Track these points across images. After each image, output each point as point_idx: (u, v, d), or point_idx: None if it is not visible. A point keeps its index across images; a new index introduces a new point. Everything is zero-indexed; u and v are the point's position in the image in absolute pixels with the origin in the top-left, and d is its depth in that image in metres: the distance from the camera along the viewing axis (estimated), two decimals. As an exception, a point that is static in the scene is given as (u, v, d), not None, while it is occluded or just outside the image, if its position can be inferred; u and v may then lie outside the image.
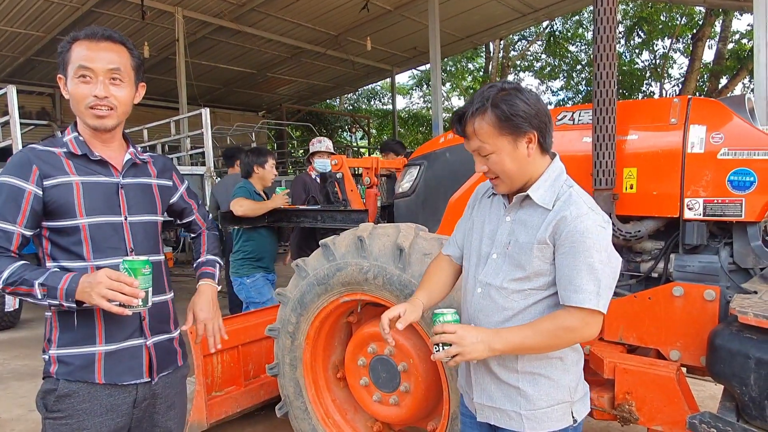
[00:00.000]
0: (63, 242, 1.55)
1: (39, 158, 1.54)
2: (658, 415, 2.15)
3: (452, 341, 1.44)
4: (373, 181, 3.65)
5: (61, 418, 1.54)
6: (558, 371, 1.55)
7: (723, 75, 15.28)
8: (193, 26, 11.14)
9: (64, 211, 1.53)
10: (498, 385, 1.58)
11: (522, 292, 1.53)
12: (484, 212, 1.68)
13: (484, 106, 1.48)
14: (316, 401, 2.68)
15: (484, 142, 1.49)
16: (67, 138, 1.61)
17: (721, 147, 2.21)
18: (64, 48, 1.57)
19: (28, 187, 1.50)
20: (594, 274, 1.41)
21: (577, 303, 1.42)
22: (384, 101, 24.84)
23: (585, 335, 1.46)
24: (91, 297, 1.43)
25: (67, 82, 1.57)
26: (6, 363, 5.21)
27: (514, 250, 1.53)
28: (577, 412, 1.57)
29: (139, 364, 1.62)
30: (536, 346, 1.47)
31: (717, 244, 2.32)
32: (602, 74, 2.31)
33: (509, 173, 1.52)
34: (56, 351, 1.56)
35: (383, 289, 2.30)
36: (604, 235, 1.45)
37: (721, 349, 1.98)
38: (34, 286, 1.45)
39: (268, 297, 4.11)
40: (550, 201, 1.51)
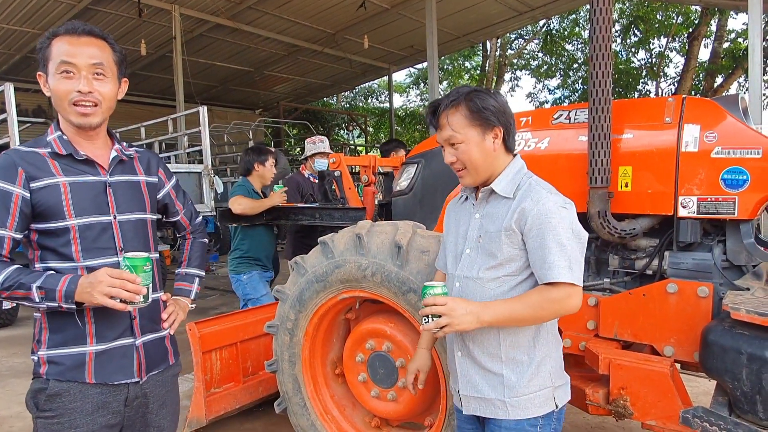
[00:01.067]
0: (52, 244, 1.54)
1: (23, 160, 1.51)
2: (652, 409, 2.19)
3: (442, 312, 1.51)
4: (371, 180, 3.68)
5: (52, 417, 1.54)
6: (538, 356, 1.62)
7: (718, 74, 15.33)
8: (189, 24, 11.11)
9: (52, 213, 1.52)
10: (483, 375, 1.65)
11: (497, 280, 1.62)
12: (458, 216, 1.80)
13: (459, 99, 1.63)
14: (314, 397, 2.70)
15: (455, 131, 1.63)
16: (50, 137, 1.57)
17: (714, 146, 2.24)
18: (43, 44, 1.54)
19: (15, 190, 1.48)
20: (563, 250, 1.51)
21: (553, 278, 1.51)
22: (381, 99, 24.84)
23: (569, 306, 1.54)
24: (92, 296, 1.43)
25: (48, 79, 1.54)
26: (4, 360, 5.22)
27: (485, 241, 1.64)
28: (558, 398, 1.65)
29: (129, 363, 1.61)
30: (524, 318, 1.55)
31: (710, 242, 2.36)
32: (598, 73, 2.34)
33: (475, 163, 1.63)
34: (46, 352, 1.55)
35: (381, 286, 2.32)
36: (565, 215, 1.55)
37: (714, 344, 2.02)
38: (32, 290, 1.44)
39: (263, 293, 4.15)
40: (511, 191, 1.63)
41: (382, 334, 2.47)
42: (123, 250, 1.60)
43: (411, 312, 2.29)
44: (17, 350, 5.57)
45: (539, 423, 1.62)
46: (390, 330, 2.45)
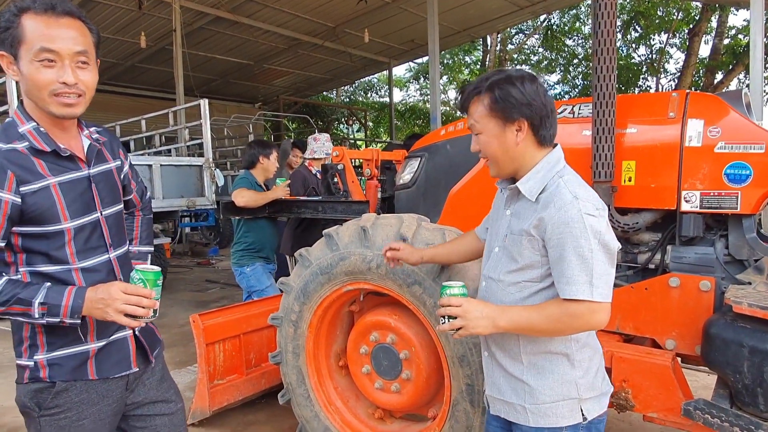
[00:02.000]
0: (41, 247, 1.43)
1: (8, 160, 1.36)
2: (654, 402, 2.20)
3: (457, 314, 1.46)
4: (374, 173, 3.69)
5: (59, 413, 1.49)
6: (562, 366, 1.53)
7: (719, 70, 15.33)
8: (189, 16, 11.07)
9: (46, 218, 1.41)
10: (506, 377, 1.60)
11: (517, 285, 1.55)
12: (497, 208, 1.74)
13: (482, 88, 1.54)
14: (318, 389, 2.72)
15: (476, 121, 1.56)
16: (23, 129, 1.42)
17: (718, 141, 2.25)
18: (10, 22, 1.34)
19: (5, 195, 1.34)
20: (584, 263, 1.39)
21: (571, 295, 1.40)
22: (381, 93, 24.80)
23: (592, 323, 1.44)
24: (106, 313, 1.36)
25: (18, 63, 1.37)
26: (6, 352, 5.24)
27: (510, 242, 1.56)
28: (588, 411, 1.53)
29: (126, 356, 1.59)
30: (541, 329, 1.47)
31: (713, 236, 2.37)
32: (602, 68, 2.34)
33: (494, 156, 1.56)
34: (46, 355, 1.47)
35: (386, 278, 2.34)
36: (592, 222, 1.41)
37: (716, 338, 2.04)
38: (33, 306, 1.34)
39: (267, 284, 4.17)
40: (535, 193, 1.52)
41: (386, 326, 2.49)
42: (111, 246, 1.55)
43: (415, 304, 2.31)
44: (19, 342, 5.59)
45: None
46: (394, 322, 2.46)
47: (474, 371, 2.17)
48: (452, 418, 2.29)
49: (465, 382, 2.20)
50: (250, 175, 4.18)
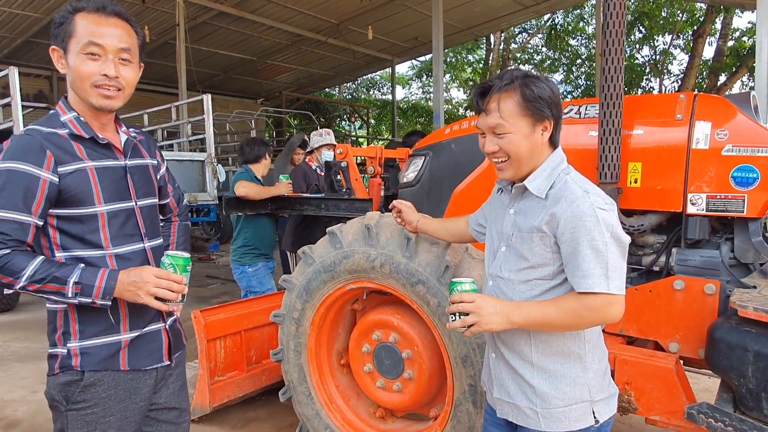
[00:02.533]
0: (76, 231, 1.48)
1: (49, 142, 1.44)
2: (657, 405, 2.20)
3: (470, 310, 1.42)
4: (377, 171, 3.67)
5: (86, 408, 1.51)
6: (575, 369, 1.50)
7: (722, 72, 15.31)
8: (193, 11, 11.06)
9: (81, 200, 1.46)
10: (515, 380, 1.56)
11: (528, 283, 1.52)
12: (496, 209, 1.70)
13: (513, 84, 1.47)
14: (319, 387, 2.71)
15: (505, 119, 1.47)
16: (65, 118, 1.50)
17: (725, 143, 2.23)
18: (64, 18, 1.45)
19: (43, 174, 1.40)
20: (599, 256, 1.38)
21: (587, 288, 1.38)
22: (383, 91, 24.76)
23: (610, 315, 1.41)
24: (137, 296, 1.41)
25: (67, 56, 1.46)
26: (6, 345, 5.23)
27: (517, 241, 1.53)
28: (599, 413, 1.51)
29: (159, 347, 1.62)
30: (557, 324, 1.43)
31: (718, 239, 2.36)
32: (610, 68, 2.33)
33: (521, 156, 1.50)
34: (79, 343, 1.51)
35: (390, 277, 2.33)
36: (603, 216, 1.40)
37: (721, 341, 2.03)
38: (67, 284, 1.38)
39: (268, 287, 4.17)
40: (544, 190, 1.50)
41: (389, 325, 2.48)
42: (146, 236, 1.59)
43: (419, 303, 2.30)
44: (19, 335, 5.58)
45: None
46: (397, 321, 2.45)
47: (477, 372, 2.16)
48: (454, 419, 2.28)
49: (468, 383, 2.19)
50: (250, 170, 4.20)
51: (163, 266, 1.47)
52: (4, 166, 1.40)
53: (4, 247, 1.37)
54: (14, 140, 1.45)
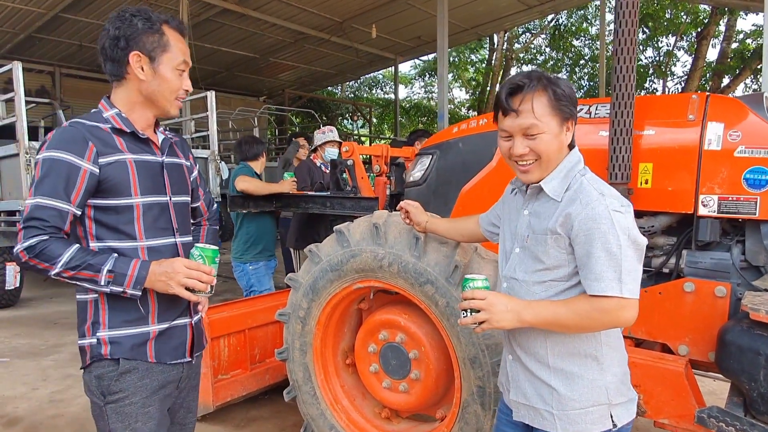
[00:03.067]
0: (112, 221, 1.52)
1: (92, 134, 1.49)
2: (666, 408, 2.18)
3: (481, 307, 1.42)
4: (383, 169, 3.65)
5: (124, 398, 1.52)
6: (592, 371, 1.48)
7: (726, 74, 15.28)
8: (197, 8, 11.01)
9: (119, 190, 1.51)
10: (531, 382, 1.54)
11: (543, 284, 1.50)
12: (510, 209, 1.69)
13: (543, 83, 1.45)
14: (324, 386, 2.69)
15: (538, 119, 1.45)
16: (108, 114, 1.56)
17: (738, 145, 2.21)
18: (154, 28, 1.53)
19: (84, 164, 1.45)
20: (613, 259, 1.36)
21: (600, 291, 1.37)
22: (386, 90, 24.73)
23: (622, 319, 1.40)
24: (168, 286, 1.45)
25: (156, 66, 1.54)
26: (7, 341, 5.22)
27: (532, 243, 1.52)
28: (617, 417, 1.49)
29: (183, 343, 1.64)
30: (568, 324, 1.42)
31: (729, 242, 2.34)
32: (622, 68, 2.31)
33: (550, 156, 1.48)
34: (108, 332, 1.52)
35: (398, 276, 2.31)
36: (619, 218, 1.38)
37: (732, 345, 2.01)
38: (101, 272, 1.42)
39: (267, 287, 4.16)
40: (560, 193, 1.48)
41: (396, 325, 2.46)
42: (178, 231, 1.63)
43: (427, 303, 2.28)
44: (20, 331, 5.57)
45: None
46: (404, 321, 2.44)
47: (486, 373, 2.15)
48: (462, 420, 2.26)
49: (476, 384, 2.17)
50: (249, 166, 4.19)
51: (193, 257, 1.52)
52: (47, 154, 1.45)
53: (42, 233, 1.40)
54: (58, 131, 1.50)
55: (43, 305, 6.79)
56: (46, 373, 4.35)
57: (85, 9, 10.59)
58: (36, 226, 1.40)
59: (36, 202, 1.42)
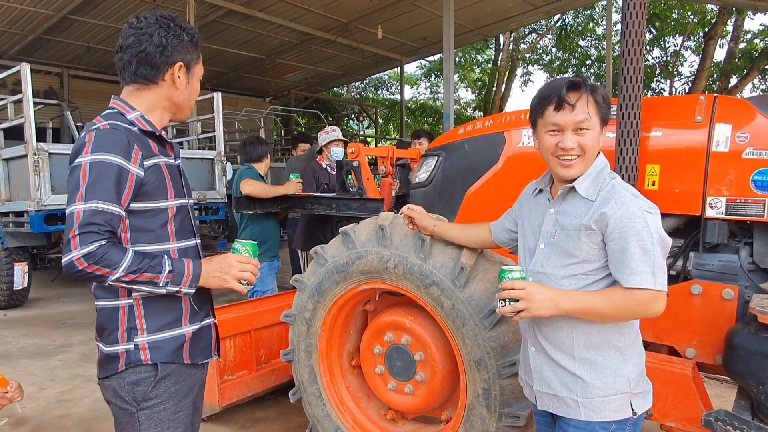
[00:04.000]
0: (149, 225, 1.52)
1: (134, 137, 1.49)
2: (673, 411, 2.17)
3: (520, 297, 1.49)
4: (389, 171, 3.65)
5: (158, 404, 1.53)
6: (615, 361, 1.56)
7: (734, 74, 15.18)
8: (203, 9, 11.05)
9: (158, 193, 1.52)
10: (555, 372, 1.62)
11: (573, 277, 1.58)
12: (531, 209, 1.76)
13: (592, 87, 1.57)
14: (330, 388, 2.69)
15: (591, 116, 1.55)
16: (132, 116, 1.54)
17: (746, 146, 2.20)
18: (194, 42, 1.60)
19: (131, 168, 1.45)
20: (647, 255, 1.46)
21: (636, 284, 1.46)
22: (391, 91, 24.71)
23: (654, 310, 1.49)
24: (224, 280, 1.49)
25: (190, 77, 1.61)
26: (15, 341, 5.25)
27: (561, 238, 1.60)
28: (637, 406, 1.58)
29: (209, 342, 1.68)
30: (604, 313, 1.51)
31: (737, 244, 2.32)
32: (629, 69, 2.30)
33: (592, 153, 1.59)
34: (147, 338, 1.52)
35: (403, 278, 2.30)
36: (650, 219, 1.49)
37: (740, 348, 2.00)
38: (162, 273, 1.42)
39: (269, 287, 4.16)
40: (593, 193, 1.57)
41: (402, 326, 2.46)
42: (195, 232, 1.66)
43: (432, 305, 2.27)
44: (28, 331, 5.60)
45: (611, 427, 1.57)
46: (410, 323, 2.43)
47: (491, 376, 2.14)
48: (467, 422, 2.25)
49: (482, 387, 2.17)
50: (253, 168, 4.20)
51: (238, 252, 1.55)
52: (95, 158, 1.41)
53: (101, 238, 1.37)
54: (101, 133, 1.46)
55: (50, 305, 6.83)
56: (53, 373, 4.37)
57: (93, 11, 10.66)
58: (95, 231, 1.36)
59: (92, 207, 1.37)
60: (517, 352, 2.11)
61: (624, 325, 1.58)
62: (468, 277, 2.17)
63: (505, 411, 2.14)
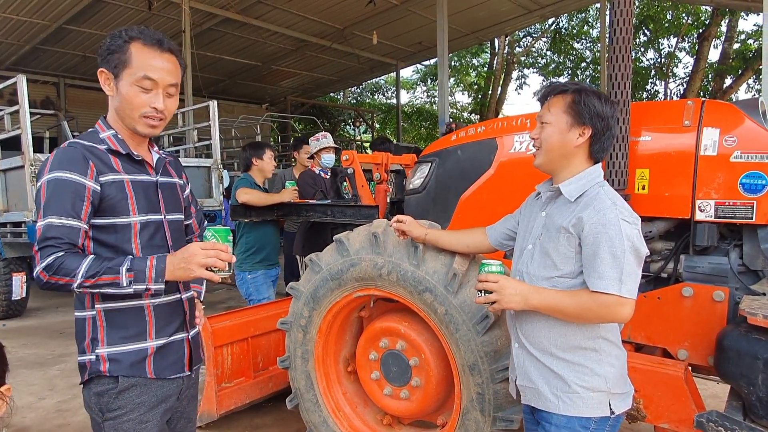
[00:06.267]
0: (111, 240, 1.53)
1: (91, 153, 1.52)
2: (666, 412, 2.19)
3: (493, 289, 1.58)
4: (383, 177, 3.68)
5: (122, 415, 1.54)
6: (592, 361, 1.62)
7: (728, 75, 15.25)
8: (199, 17, 11.09)
9: (118, 209, 1.53)
10: (536, 367, 1.67)
11: (550, 280, 1.64)
12: (530, 211, 1.84)
13: (568, 89, 1.68)
14: (326, 394, 2.71)
15: (549, 112, 1.68)
16: (104, 135, 1.58)
17: (734, 150, 2.23)
18: (119, 46, 1.51)
19: (88, 182, 1.47)
20: (617, 261, 1.51)
21: (601, 288, 1.51)
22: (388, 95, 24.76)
23: (618, 315, 1.54)
24: (190, 270, 1.44)
25: (117, 83, 1.53)
26: (14, 351, 5.25)
27: (545, 240, 1.67)
28: (615, 406, 1.62)
29: (181, 358, 1.66)
30: (569, 312, 1.57)
31: (727, 246, 2.35)
32: (617, 74, 2.33)
33: (550, 146, 1.67)
34: (107, 349, 1.54)
35: (397, 285, 2.33)
36: (625, 227, 1.53)
37: (730, 349, 2.02)
38: (120, 273, 1.42)
39: (265, 296, 4.17)
40: (575, 195, 1.64)
41: (396, 332, 2.48)
42: (172, 248, 1.63)
43: (426, 311, 2.29)
44: (27, 341, 5.61)
45: (591, 426, 1.61)
46: (404, 329, 2.45)
47: (485, 380, 2.16)
48: (462, 427, 2.27)
49: (475, 391, 2.19)
50: (249, 176, 4.20)
51: (206, 239, 1.53)
52: (52, 176, 1.47)
53: (58, 250, 1.41)
54: (59, 152, 1.52)
55: (49, 315, 6.83)
56: (52, 382, 4.38)
57: (88, 21, 10.69)
58: (51, 245, 1.41)
59: (47, 223, 1.43)
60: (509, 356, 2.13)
61: (600, 329, 1.63)
62: (461, 282, 2.19)
63: (499, 415, 2.16)
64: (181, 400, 1.71)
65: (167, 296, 1.62)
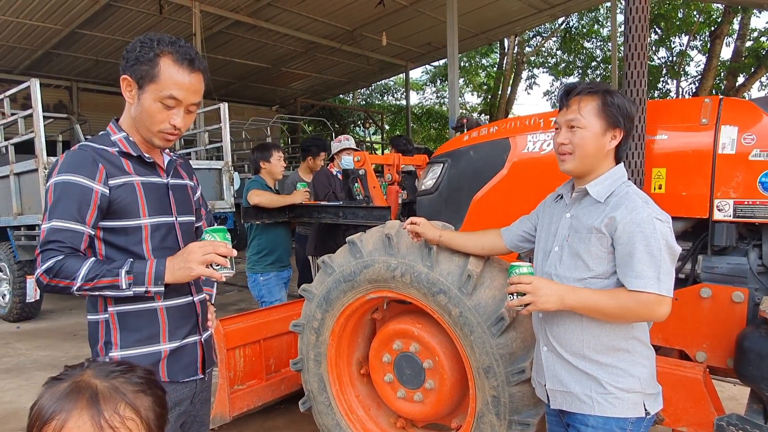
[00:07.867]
0: (121, 242, 1.54)
1: (101, 157, 1.52)
2: (684, 416, 2.15)
3: (527, 291, 1.55)
4: (395, 178, 3.66)
5: None
6: (625, 362, 1.61)
7: (741, 73, 15.08)
8: (209, 20, 11.15)
9: (128, 211, 1.53)
10: (569, 370, 1.66)
11: (582, 281, 1.62)
12: (550, 213, 1.82)
13: (598, 90, 1.65)
14: (339, 397, 2.70)
15: (582, 115, 1.64)
16: (116, 137, 1.59)
17: (752, 148, 2.19)
18: (148, 58, 1.48)
19: (96, 186, 1.48)
20: (654, 260, 1.50)
21: (640, 287, 1.50)
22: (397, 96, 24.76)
23: (657, 314, 1.53)
24: (189, 269, 1.44)
25: (141, 93, 1.51)
26: (28, 353, 5.29)
27: (574, 241, 1.65)
28: (650, 406, 1.62)
29: (194, 361, 1.66)
30: (608, 312, 1.55)
31: (746, 246, 2.31)
32: (633, 72, 2.30)
33: (585, 151, 1.64)
34: (120, 352, 1.54)
35: (410, 287, 2.31)
36: (659, 226, 1.53)
37: (750, 351, 1.98)
38: (120, 276, 1.42)
39: (277, 297, 4.17)
40: (604, 195, 1.63)
41: (410, 335, 2.46)
42: None
43: (440, 313, 2.27)
44: (41, 343, 5.65)
45: (628, 427, 1.60)
46: (418, 331, 2.44)
47: (500, 383, 2.14)
48: (477, 430, 2.25)
49: (491, 394, 2.16)
50: (260, 178, 4.20)
51: (204, 240, 1.53)
52: (59, 178, 1.48)
53: (59, 253, 1.42)
54: (68, 155, 1.53)
55: (62, 317, 6.88)
56: (65, 384, 4.39)
57: (101, 25, 10.78)
58: (53, 248, 1.42)
59: (51, 226, 1.44)
60: (525, 359, 2.11)
61: (633, 328, 1.62)
62: (475, 284, 2.17)
63: (515, 418, 2.14)
64: (195, 403, 1.71)
65: (180, 299, 1.62)
